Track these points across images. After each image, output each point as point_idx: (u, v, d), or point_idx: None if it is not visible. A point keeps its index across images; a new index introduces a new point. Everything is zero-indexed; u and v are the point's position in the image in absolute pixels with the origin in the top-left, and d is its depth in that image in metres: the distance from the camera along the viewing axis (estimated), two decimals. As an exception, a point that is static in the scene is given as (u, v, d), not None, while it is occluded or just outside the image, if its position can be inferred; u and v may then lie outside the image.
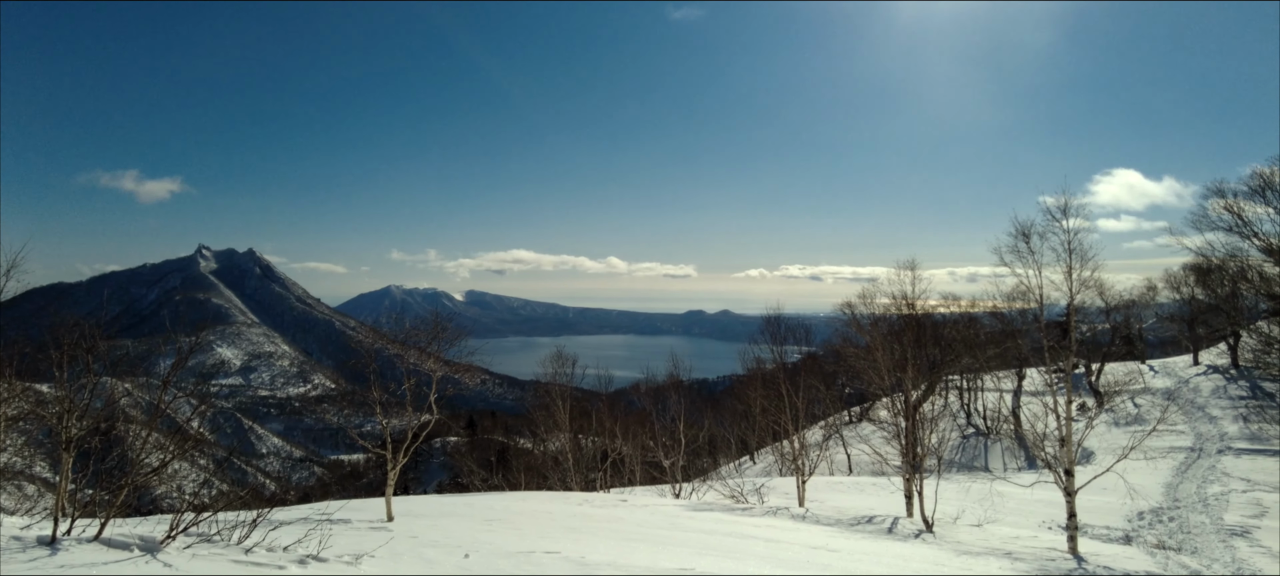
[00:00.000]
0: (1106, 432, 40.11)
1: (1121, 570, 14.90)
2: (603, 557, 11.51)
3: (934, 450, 20.25)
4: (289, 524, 12.55)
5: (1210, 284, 53.38)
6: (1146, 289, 59.81)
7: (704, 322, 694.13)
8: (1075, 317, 18.14)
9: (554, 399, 33.73)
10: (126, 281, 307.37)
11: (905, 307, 47.20)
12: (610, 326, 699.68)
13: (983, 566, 14.26)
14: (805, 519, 19.52)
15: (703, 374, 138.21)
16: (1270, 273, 38.26)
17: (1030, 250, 16.81)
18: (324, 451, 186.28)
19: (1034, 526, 20.59)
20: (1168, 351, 65.65)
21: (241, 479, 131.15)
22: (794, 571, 12.07)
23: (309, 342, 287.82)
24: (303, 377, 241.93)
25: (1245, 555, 17.89)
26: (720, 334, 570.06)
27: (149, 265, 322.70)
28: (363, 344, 19.93)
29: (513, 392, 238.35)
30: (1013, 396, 51.82)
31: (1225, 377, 50.22)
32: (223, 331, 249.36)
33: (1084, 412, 43.10)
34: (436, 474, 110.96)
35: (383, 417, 16.02)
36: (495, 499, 22.27)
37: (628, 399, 53.58)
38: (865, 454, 35.78)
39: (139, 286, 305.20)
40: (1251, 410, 41.83)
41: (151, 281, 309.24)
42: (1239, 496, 25.72)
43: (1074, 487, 16.00)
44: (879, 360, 21.55)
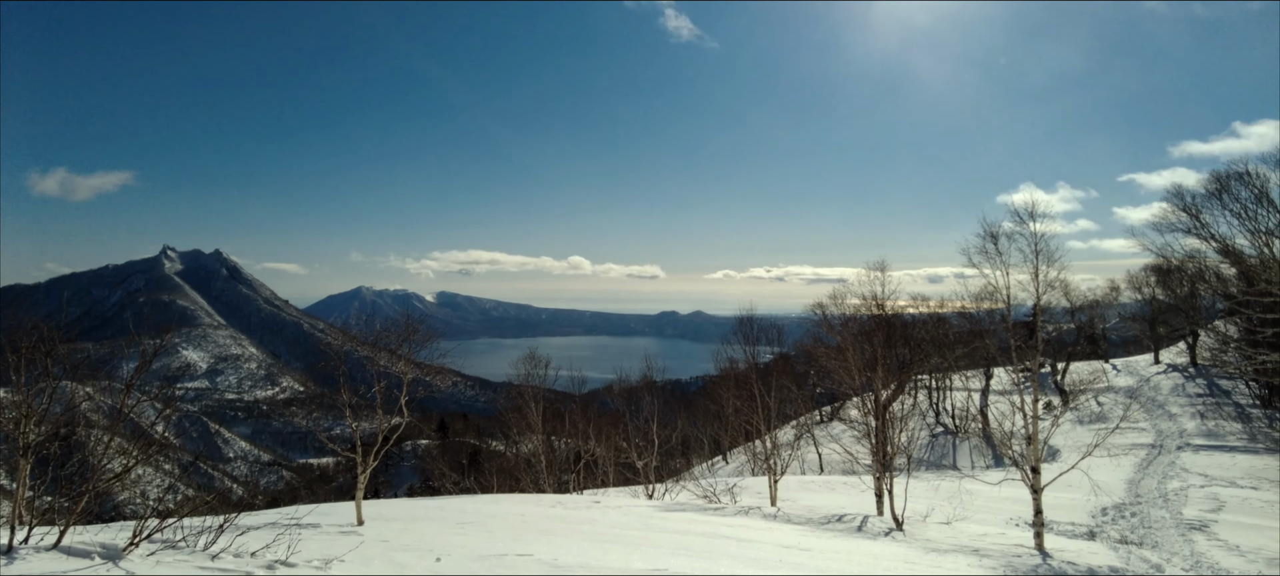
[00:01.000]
0: (1071, 430, 40.89)
1: (1085, 565, 15.18)
2: (576, 559, 11.48)
3: (903, 449, 20.47)
4: (257, 529, 12.34)
5: (1170, 284, 54.67)
6: (1109, 289, 61.21)
7: (677, 323, 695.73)
8: (1041, 317, 18.46)
9: (526, 400, 33.61)
10: (88, 283, 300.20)
11: (875, 308, 47.66)
12: (583, 327, 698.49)
13: (951, 563, 14.45)
14: (777, 518, 19.63)
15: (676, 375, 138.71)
16: (1227, 273, 39.25)
17: (998, 251, 17.07)
18: (293, 455, 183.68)
19: (1002, 523, 20.89)
20: (1130, 350, 67.09)
21: (208, 483, 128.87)
22: (766, 570, 12.14)
23: (277, 345, 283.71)
24: (271, 380, 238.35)
25: (1203, 549, 18.34)
26: (693, 334, 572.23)
27: (111, 266, 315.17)
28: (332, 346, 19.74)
29: (485, 394, 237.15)
30: (981, 395, 52.62)
31: (1184, 376, 51.43)
32: (188, 333, 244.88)
33: (1050, 411, 43.90)
34: (407, 477, 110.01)
35: (352, 420, 15.80)
36: (467, 502, 22.10)
37: (601, 400, 53.51)
38: (836, 453, 36.13)
39: (101, 288, 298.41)
40: (1208, 407, 42.91)
41: (114, 283, 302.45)
42: (1197, 491, 26.37)
43: (1040, 485, 16.27)
44: (850, 360, 21.76)
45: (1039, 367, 17.78)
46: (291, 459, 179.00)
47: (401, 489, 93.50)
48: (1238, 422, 39.35)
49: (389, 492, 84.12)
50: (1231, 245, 29.27)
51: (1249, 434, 36.72)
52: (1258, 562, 17.06)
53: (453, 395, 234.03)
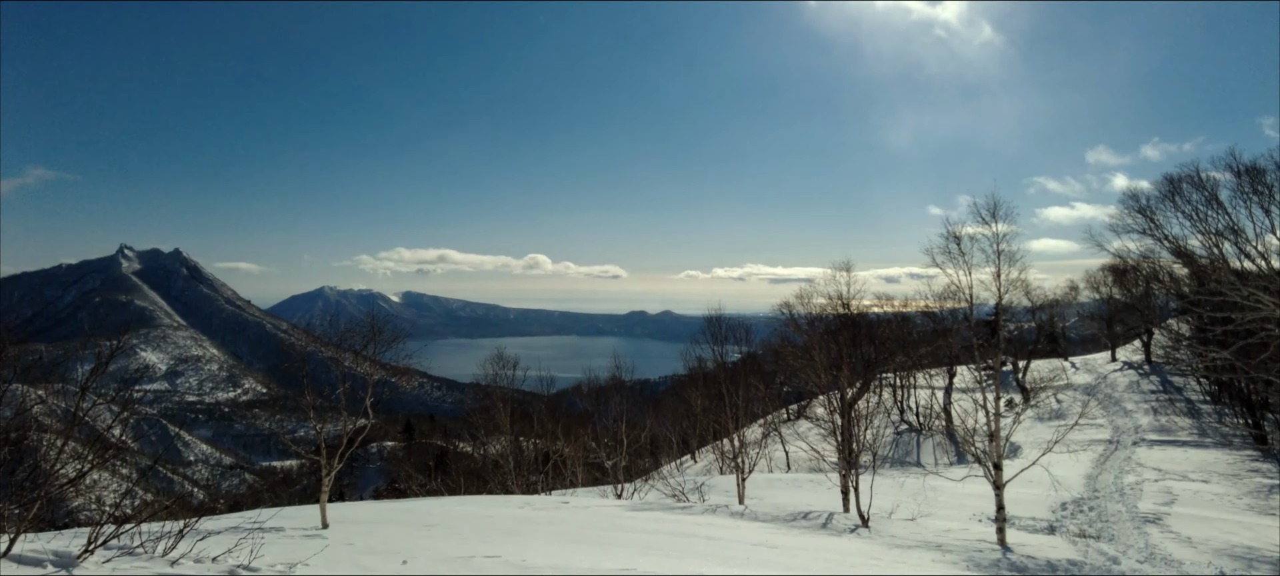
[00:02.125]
0: (1032, 427, 41.69)
1: (1044, 559, 15.51)
2: (544, 560, 11.43)
3: (869, 446, 20.71)
4: (218, 533, 12.11)
5: (1126, 284, 56.04)
6: (1069, 289, 62.53)
7: (646, 323, 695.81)
8: (1003, 316, 18.80)
9: (494, 401, 33.41)
10: (40, 282, 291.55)
11: (840, 307, 48.27)
12: (552, 327, 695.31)
13: (915, 559, 14.66)
14: (744, 516, 19.74)
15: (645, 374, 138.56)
16: (1179, 273, 40.39)
17: (961, 252, 17.36)
18: (255, 458, 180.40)
19: (965, 519, 21.24)
20: (1089, 349, 68.63)
21: (167, 488, 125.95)
22: (735, 569, 12.20)
23: (239, 346, 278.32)
24: (232, 382, 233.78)
25: (1157, 541, 18.85)
26: (662, 334, 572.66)
27: (65, 265, 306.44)
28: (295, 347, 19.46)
29: (452, 395, 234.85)
30: (944, 393, 53.40)
31: (1139, 373, 52.79)
32: (147, 334, 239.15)
33: (1011, 408, 44.73)
34: (373, 479, 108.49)
35: (316, 422, 15.57)
36: (434, 503, 21.90)
37: (569, 400, 53.37)
38: (803, 450, 36.40)
39: (54, 288, 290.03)
40: (1161, 403, 44.10)
41: (68, 282, 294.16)
42: (1152, 485, 27.10)
43: (1002, 481, 16.59)
44: (816, 359, 21.96)
45: (1001, 366, 18.11)
46: (254, 461, 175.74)
47: (367, 491, 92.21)
48: (1189, 418, 40.51)
49: (354, 495, 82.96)
50: (1184, 246, 30.13)
51: (1199, 429, 37.82)
52: (1206, 553, 17.60)
53: (419, 396, 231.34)
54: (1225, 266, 25.85)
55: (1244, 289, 24.05)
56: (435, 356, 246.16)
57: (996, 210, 17.01)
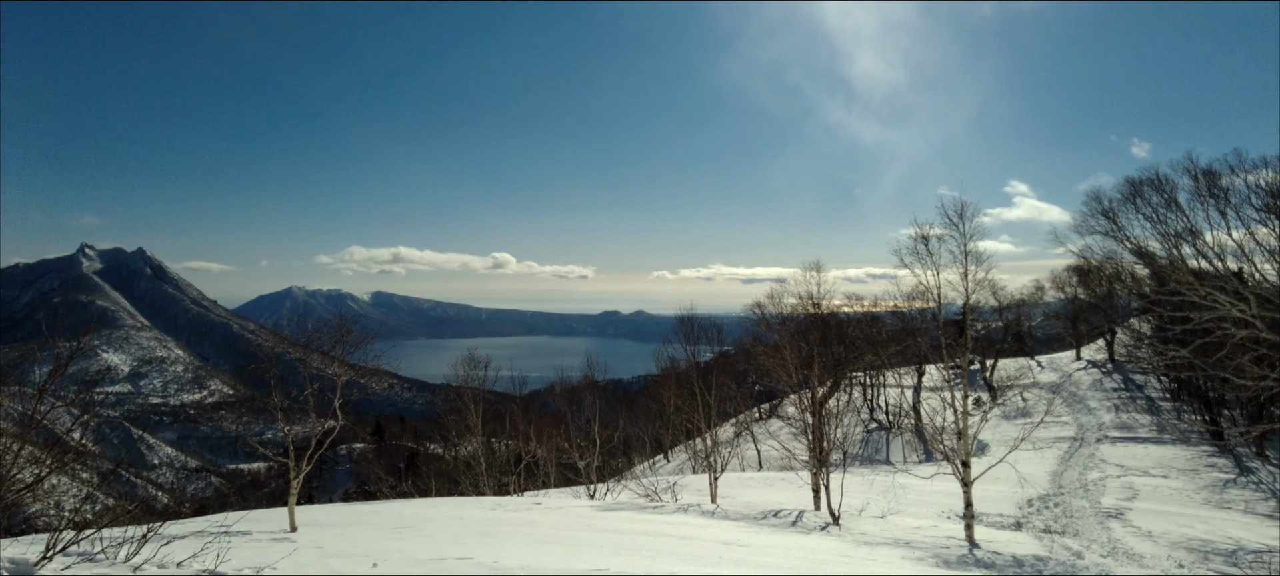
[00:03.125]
0: (999, 425, 42.34)
1: (1010, 554, 15.76)
2: (516, 561, 11.38)
3: (839, 445, 20.89)
4: (183, 538, 11.91)
5: (1090, 284, 57.12)
6: (1035, 289, 63.58)
7: (619, 323, 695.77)
8: (970, 316, 19.07)
9: (466, 402, 33.15)
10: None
11: (811, 307, 48.69)
12: (524, 327, 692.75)
13: (885, 555, 14.82)
14: (716, 515, 19.82)
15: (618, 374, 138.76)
16: (1141, 274, 41.27)
17: (929, 253, 17.57)
18: (222, 460, 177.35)
19: (934, 516, 21.52)
20: (1054, 348, 69.80)
21: (130, 492, 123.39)
22: (707, 568, 12.24)
23: (205, 347, 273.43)
24: (198, 383, 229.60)
25: (1120, 536, 19.28)
26: (635, 334, 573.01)
27: (21, 265, 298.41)
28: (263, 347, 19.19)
29: (422, 396, 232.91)
30: (913, 392, 54.02)
31: (1102, 372, 53.84)
32: (109, 335, 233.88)
33: (979, 407, 45.39)
34: (342, 481, 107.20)
35: (285, 424, 15.37)
36: (404, 506, 21.71)
37: (542, 400, 53.17)
38: (775, 449, 36.60)
39: (9, 288, 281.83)
40: (1123, 401, 45.05)
41: (25, 282, 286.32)
42: (1114, 481, 27.68)
43: (970, 478, 16.83)
44: (787, 358, 22.09)
45: (968, 365, 18.36)
46: (221, 464, 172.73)
47: (336, 494, 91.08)
48: (1149, 415, 41.42)
49: (323, 498, 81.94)
50: (1145, 247, 30.76)
51: (1159, 426, 38.68)
52: (1165, 546, 18.05)
53: (389, 397, 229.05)
54: (1184, 267, 26.44)
55: (1201, 289, 24.63)
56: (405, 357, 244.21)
57: (964, 211, 17.25)
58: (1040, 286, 63.65)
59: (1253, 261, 24.82)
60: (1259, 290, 23.87)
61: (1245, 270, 25.20)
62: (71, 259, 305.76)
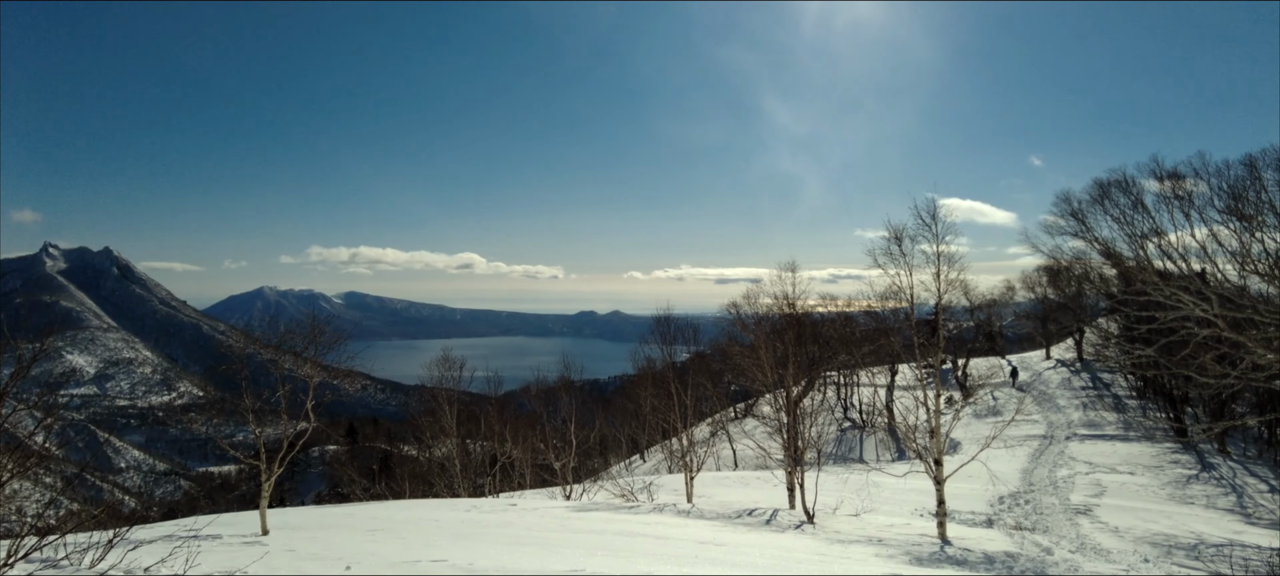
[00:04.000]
0: (971, 423, 42.91)
1: (982, 551, 15.97)
2: (491, 563, 11.34)
3: (814, 443, 21.04)
4: (151, 542, 11.72)
5: (1060, 284, 58.07)
6: (1006, 289, 64.52)
7: (595, 323, 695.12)
8: (943, 316, 19.29)
9: (440, 403, 32.95)
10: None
11: (786, 307, 49.01)
12: (500, 328, 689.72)
13: (859, 553, 14.96)
14: (691, 514, 19.88)
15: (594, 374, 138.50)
16: (1108, 274, 42.05)
17: (902, 253, 17.75)
18: (191, 463, 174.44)
19: (907, 514, 21.76)
20: (1024, 347, 70.84)
21: (96, 496, 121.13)
22: (683, 567, 12.27)
23: (174, 348, 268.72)
24: (167, 385, 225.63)
25: (1088, 532, 19.64)
26: (611, 334, 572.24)
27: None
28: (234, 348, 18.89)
29: (396, 398, 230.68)
30: (886, 391, 54.57)
31: (1071, 371, 54.76)
32: (74, 336, 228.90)
33: (951, 405, 45.98)
34: (315, 484, 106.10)
35: (256, 426, 15.18)
36: (378, 508, 21.52)
37: (518, 401, 52.93)
38: (750, 448, 36.78)
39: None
40: (1091, 399, 45.88)
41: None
42: (1083, 478, 28.18)
43: (943, 476, 17.01)
44: (762, 358, 22.20)
45: (940, 364, 18.57)
46: (190, 467, 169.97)
47: (309, 496, 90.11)
48: (1115, 413, 42.23)
49: (295, 500, 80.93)
50: (1112, 248, 31.34)
51: (1125, 423, 39.46)
52: (1130, 541, 18.44)
53: (362, 399, 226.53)
54: (1150, 267, 26.97)
55: (1166, 289, 25.16)
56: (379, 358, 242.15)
57: (936, 212, 17.44)
58: (1011, 286, 64.66)
59: (1215, 262, 25.40)
60: (1220, 290, 24.42)
61: (1208, 270, 25.76)
62: (34, 258, 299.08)
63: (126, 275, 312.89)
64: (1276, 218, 22.89)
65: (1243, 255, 23.89)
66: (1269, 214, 23.24)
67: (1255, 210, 23.62)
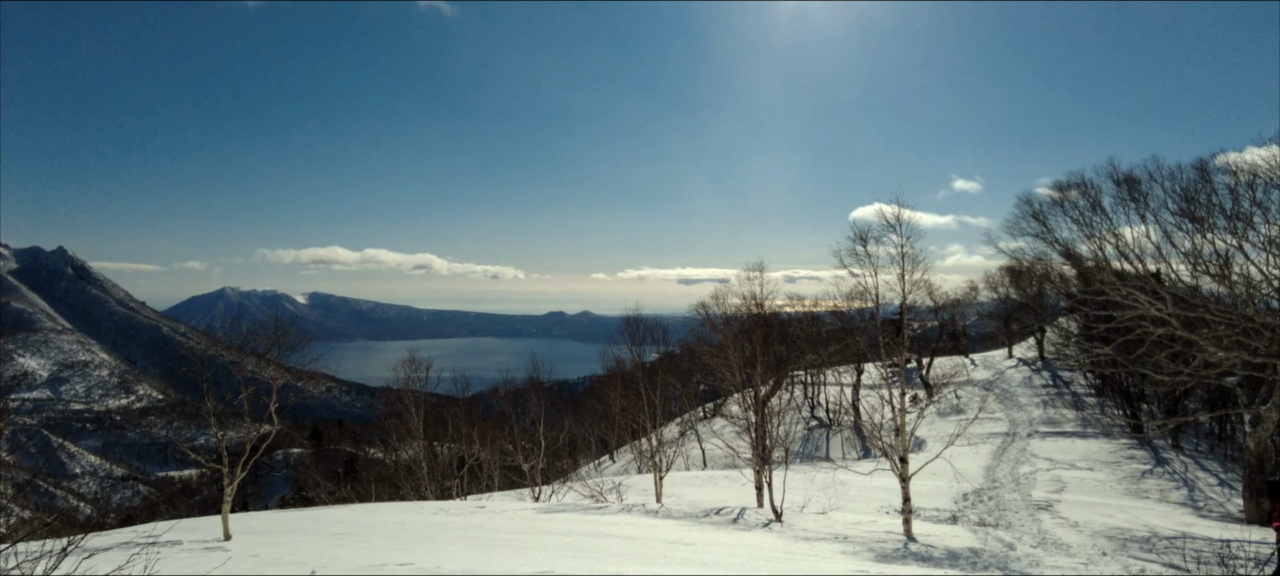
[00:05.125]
0: (936, 422, 43.55)
1: (945, 548, 16.22)
2: (459, 566, 11.25)
3: (782, 442, 21.20)
4: (107, 550, 11.44)
5: (1022, 284, 59.15)
6: (969, 289, 65.59)
7: (564, 324, 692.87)
8: (908, 316, 19.56)
9: (407, 405, 32.61)
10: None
11: (754, 307, 49.33)
12: (467, 329, 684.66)
13: (826, 550, 15.10)
14: (660, 514, 19.91)
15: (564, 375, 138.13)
16: (1068, 274, 42.95)
17: (867, 254, 17.96)
18: (150, 468, 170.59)
19: (873, 511, 22.02)
20: (987, 346, 72.10)
21: (49, 503, 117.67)
22: (651, 567, 12.28)
23: (132, 350, 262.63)
24: (125, 388, 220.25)
25: (1049, 527, 20.05)
26: (581, 335, 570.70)
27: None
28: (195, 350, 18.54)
29: (362, 400, 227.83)
30: (852, 390, 55.19)
31: (1032, 369, 55.85)
32: (26, 338, 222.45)
33: (916, 404, 46.63)
34: (279, 488, 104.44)
35: (218, 429, 14.88)
36: (344, 511, 21.24)
37: (486, 403, 52.63)
38: (719, 448, 37.00)
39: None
40: (1051, 397, 46.85)
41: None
42: (1044, 474, 28.77)
43: (908, 474, 17.25)
44: (731, 357, 22.31)
45: (906, 363, 18.83)
46: (149, 472, 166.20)
47: (272, 500, 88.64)
48: (1074, 410, 43.18)
49: (259, 504, 79.57)
50: (1072, 249, 32.01)
51: (1083, 420, 40.37)
52: (1088, 535, 18.89)
53: (327, 401, 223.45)
54: (1108, 268, 27.61)
55: (1123, 289, 25.79)
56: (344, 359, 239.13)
57: (901, 213, 17.66)
58: (974, 286, 65.73)
59: (1169, 262, 26.09)
60: (1174, 290, 25.11)
61: (1163, 271, 26.45)
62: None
63: (82, 275, 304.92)
64: (1226, 219, 23.55)
65: (1195, 256, 24.57)
66: (1218, 216, 23.91)
67: (1206, 212, 24.29)
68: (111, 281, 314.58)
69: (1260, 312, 22.44)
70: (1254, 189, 23.11)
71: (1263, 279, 22.78)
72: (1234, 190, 23.61)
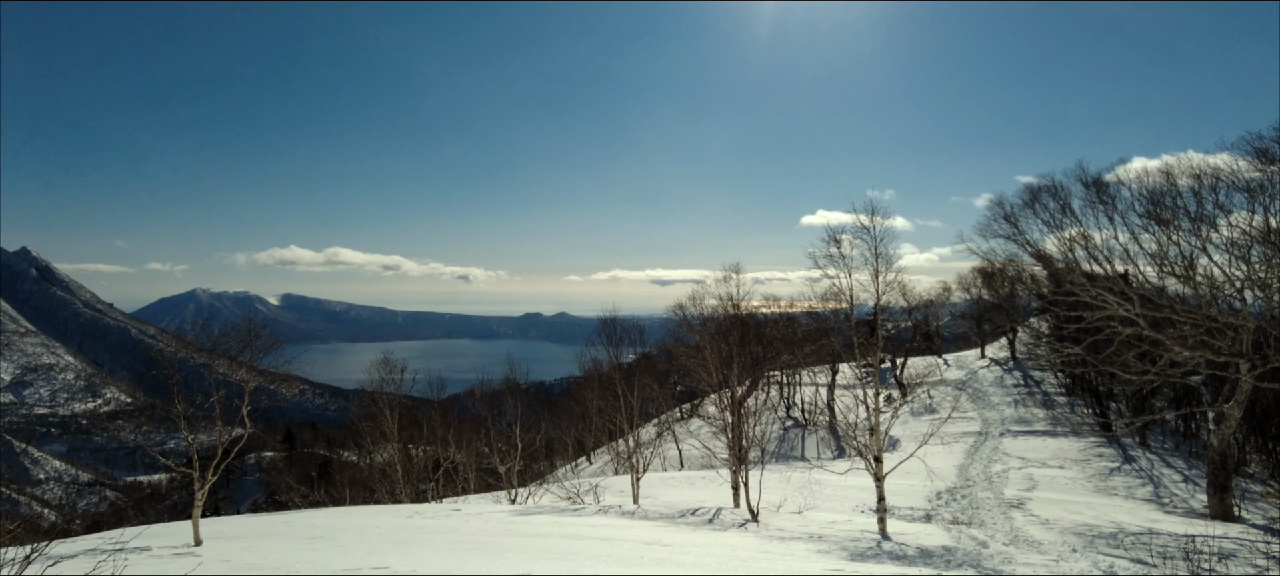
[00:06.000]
0: (910, 421, 43.99)
1: (919, 546, 16.39)
2: (434, 569, 11.18)
3: (758, 442, 21.29)
4: (73, 557, 11.24)
5: (994, 285, 59.94)
6: (942, 290, 66.36)
7: (541, 325, 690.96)
8: (882, 316, 19.74)
9: (381, 408, 32.33)
10: None
11: (731, 308, 49.53)
12: (443, 330, 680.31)
13: (801, 550, 15.19)
14: (637, 515, 19.92)
15: (540, 376, 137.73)
16: (1039, 275, 43.58)
17: (841, 255, 18.09)
18: (118, 473, 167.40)
19: (848, 510, 22.18)
20: (960, 346, 73.01)
21: (12, 510, 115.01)
22: (628, 568, 12.27)
23: (99, 352, 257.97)
24: (92, 391, 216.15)
25: (1021, 525, 20.35)
26: (557, 336, 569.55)
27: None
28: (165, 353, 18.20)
29: (335, 402, 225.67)
30: (827, 390, 55.60)
31: (1004, 369, 56.61)
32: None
33: (890, 404, 47.05)
34: (251, 492, 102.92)
35: (188, 433, 14.67)
36: (318, 515, 21.02)
37: (462, 405, 52.26)
38: (696, 448, 37.08)
39: None
40: (1022, 396, 47.51)
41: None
42: (1016, 472, 29.18)
43: (882, 473, 17.40)
44: (708, 358, 22.38)
45: (880, 363, 18.99)
46: (117, 477, 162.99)
47: (244, 505, 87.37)
48: (1044, 409, 43.84)
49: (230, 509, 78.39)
50: (1043, 250, 32.44)
51: (1053, 419, 41.00)
52: (1058, 532, 19.22)
53: (300, 403, 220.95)
54: (1078, 269, 28.02)
55: (1093, 290, 26.24)
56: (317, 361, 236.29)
57: (874, 214, 17.81)
58: (947, 287, 66.51)
59: (1136, 264, 26.54)
60: (1142, 290, 25.57)
61: (1131, 272, 26.92)
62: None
63: (46, 277, 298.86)
64: (1190, 222, 24.03)
65: (1161, 257, 25.03)
66: (1183, 218, 24.39)
67: (1171, 215, 24.76)
68: (78, 283, 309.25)
69: (1223, 312, 22.94)
70: (1217, 192, 23.62)
71: (1225, 280, 23.28)
72: (1198, 193, 24.11)
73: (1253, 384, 22.38)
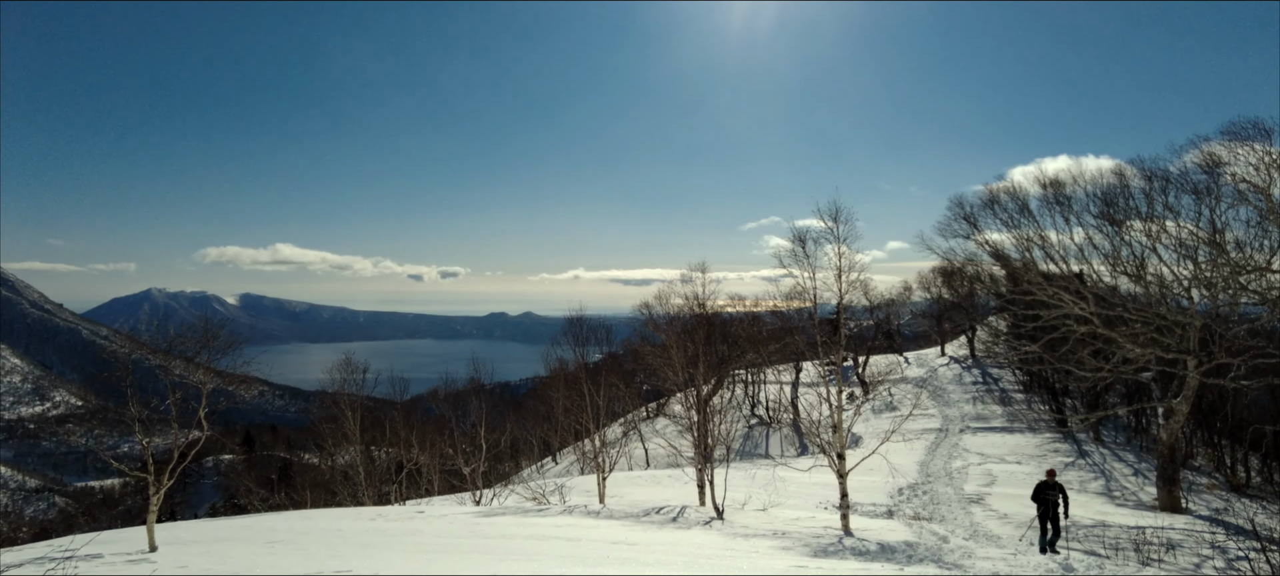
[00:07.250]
0: (872, 418, 44.56)
1: (880, 541, 16.61)
2: (398, 572, 11.05)
3: (723, 440, 21.41)
4: (20, 566, 10.88)
5: (954, 284, 60.91)
6: (903, 289, 67.31)
7: (506, 325, 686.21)
8: (844, 315, 19.97)
9: (343, 409, 31.84)
10: None
11: (697, 307, 49.78)
12: (406, 331, 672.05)
13: (765, 547, 15.31)
14: (603, 514, 19.90)
15: (505, 376, 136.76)
16: (998, 275, 44.45)
17: (806, 255, 18.27)
18: (68, 478, 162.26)
19: (812, 507, 22.40)
20: (921, 344, 74.08)
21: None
22: (593, 569, 12.25)
23: (47, 354, 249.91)
24: (40, 395, 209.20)
25: (980, 519, 20.76)
26: (523, 336, 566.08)
27: None
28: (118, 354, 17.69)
29: (296, 404, 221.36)
30: (791, 388, 56.08)
31: (963, 367, 57.61)
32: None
33: (853, 401, 47.62)
34: (209, 495, 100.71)
35: (143, 436, 14.29)
36: (278, 519, 20.63)
37: (425, 405, 51.77)
38: (662, 447, 37.15)
39: None
40: (981, 393, 48.43)
41: None
42: (975, 468, 29.71)
43: (845, 469, 17.61)
44: (674, 357, 22.43)
45: (842, 361, 19.21)
46: (67, 482, 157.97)
47: (202, 509, 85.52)
48: (1002, 405, 44.72)
49: (188, 514, 76.66)
50: (1002, 250, 33.05)
51: (1011, 416, 41.83)
52: (1014, 526, 19.67)
53: (259, 405, 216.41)
54: (1035, 268, 28.63)
55: (1049, 289, 26.85)
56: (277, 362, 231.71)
57: (838, 215, 18.01)
58: (908, 286, 67.45)
59: (1090, 263, 27.23)
60: (1096, 290, 26.25)
61: (1085, 271, 27.60)
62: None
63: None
64: (1141, 222, 24.71)
65: (1114, 257, 25.72)
66: (1135, 219, 25.07)
67: (1124, 215, 25.43)
68: (24, 282, 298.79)
69: (1172, 311, 23.64)
70: (1166, 194, 24.32)
71: (1173, 279, 23.99)
72: (1149, 194, 24.80)
73: (1199, 380, 23.11)
